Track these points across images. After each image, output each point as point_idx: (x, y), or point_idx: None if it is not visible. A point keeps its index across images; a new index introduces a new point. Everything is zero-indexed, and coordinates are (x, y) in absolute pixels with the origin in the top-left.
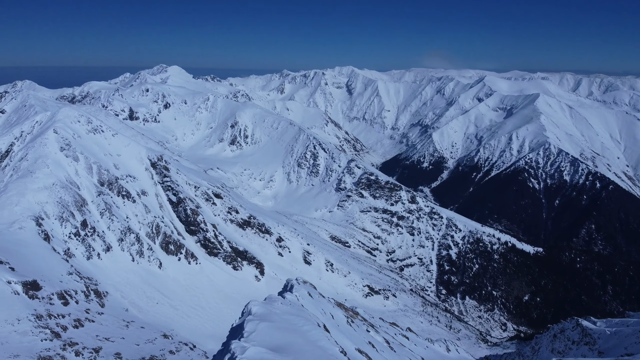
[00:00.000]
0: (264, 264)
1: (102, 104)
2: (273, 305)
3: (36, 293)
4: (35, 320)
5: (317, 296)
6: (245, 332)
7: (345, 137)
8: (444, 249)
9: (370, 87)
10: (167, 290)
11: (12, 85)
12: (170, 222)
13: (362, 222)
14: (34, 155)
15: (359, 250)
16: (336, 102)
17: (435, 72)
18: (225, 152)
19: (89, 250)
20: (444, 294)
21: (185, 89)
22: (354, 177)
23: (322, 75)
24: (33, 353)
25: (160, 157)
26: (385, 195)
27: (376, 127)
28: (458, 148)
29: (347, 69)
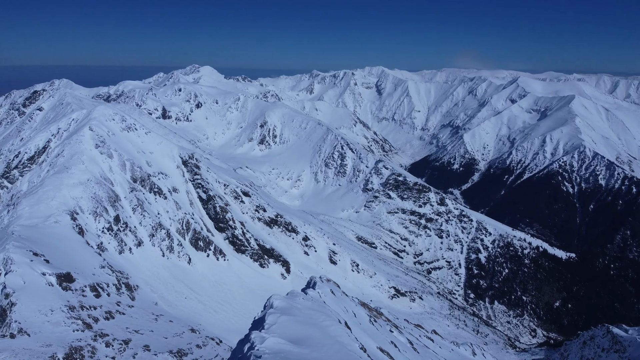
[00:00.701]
0: (290, 262)
1: (136, 102)
2: (295, 300)
3: (69, 285)
4: (68, 311)
5: (339, 294)
6: (266, 324)
7: (374, 137)
8: (473, 253)
9: (400, 87)
10: (196, 286)
11: (50, 84)
12: (200, 218)
13: (389, 224)
14: (69, 152)
15: (385, 251)
16: (365, 102)
17: (468, 73)
18: (254, 152)
19: (121, 244)
20: (472, 298)
21: (217, 89)
22: (381, 178)
23: (352, 75)
24: (65, 343)
25: (191, 155)
26: (414, 196)
27: (405, 128)
28: (490, 150)
29: (377, 69)
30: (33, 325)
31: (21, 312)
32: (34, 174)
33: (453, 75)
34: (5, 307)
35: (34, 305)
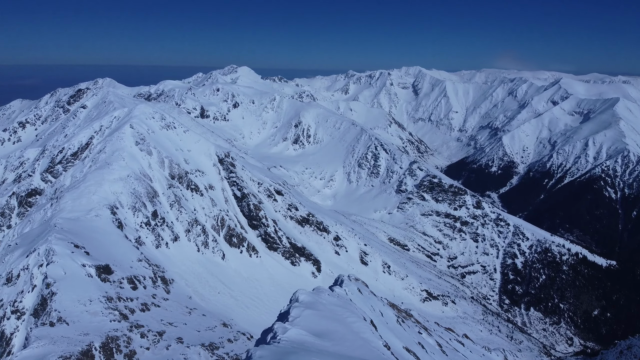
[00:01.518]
0: (321, 261)
1: (176, 102)
2: (320, 296)
3: (108, 277)
4: (106, 302)
5: (367, 293)
6: (290, 317)
7: (409, 138)
8: (509, 258)
9: (437, 87)
10: (229, 281)
11: (93, 83)
12: (235, 215)
13: (423, 226)
14: (111, 148)
15: (418, 254)
16: (401, 102)
17: (508, 74)
18: (288, 151)
19: (158, 239)
20: (507, 304)
21: (254, 89)
22: (415, 179)
23: (388, 75)
24: (102, 332)
25: (227, 154)
26: (449, 199)
27: (442, 129)
28: (529, 153)
29: (414, 69)
30: (72, 315)
31: (61, 302)
32: (77, 169)
33: (493, 76)
34: (46, 296)
35: (73, 295)
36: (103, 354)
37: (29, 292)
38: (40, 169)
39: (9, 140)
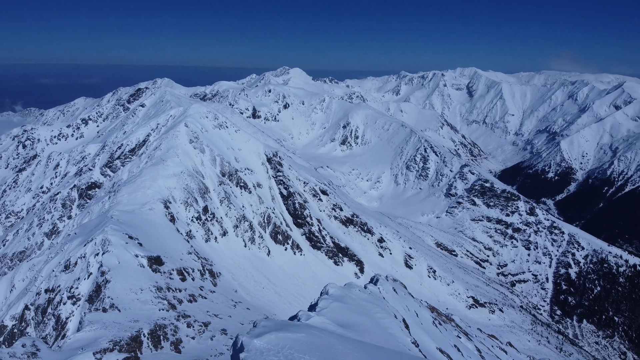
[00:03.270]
0: (364, 262)
1: (229, 102)
2: (350, 291)
3: (159, 267)
4: (156, 291)
5: (403, 294)
6: (317, 307)
7: (462, 141)
8: (562, 267)
9: (493, 89)
10: (273, 277)
11: (153, 82)
12: (280, 213)
13: (472, 231)
14: (166, 146)
15: (466, 260)
16: (454, 104)
17: (569, 76)
18: (336, 152)
19: (207, 233)
20: (558, 315)
21: (304, 90)
22: (466, 183)
23: (441, 76)
24: (151, 320)
25: (275, 153)
26: (501, 204)
27: (497, 132)
28: (589, 159)
29: (469, 70)
30: (123, 302)
31: (114, 289)
32: (134, 165)
33: (552, 78)
34: (101, 283)
35: (126, 283)
36: (151, 340)
37: (85, 279)
38: (100, 163)
39: (72, 135)
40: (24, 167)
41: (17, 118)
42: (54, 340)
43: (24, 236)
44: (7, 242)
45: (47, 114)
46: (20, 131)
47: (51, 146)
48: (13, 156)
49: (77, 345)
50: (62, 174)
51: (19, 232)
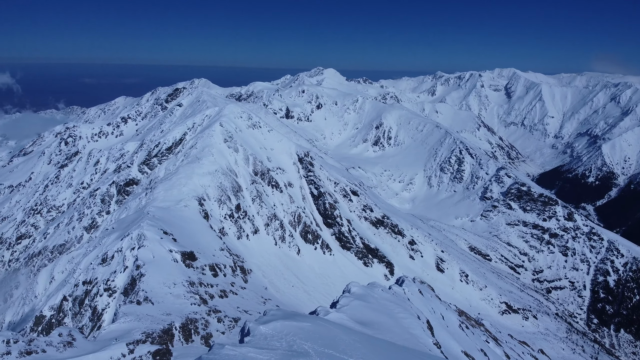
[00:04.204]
0: (394, 264)
1: (264, 102)
2: (373, 290)
3: (192, 263)
4: (188, 286)
5: (429, 296)
6: (338, 305)
7: (499, 143)
8: (600, 275)
9: (532, 90)
10: (302, 276)
11: (190, 83)
12: (311, 213)
13: (508, 236)
14: (202, 145)
15: (500, 265)
16: (492, 105)
17: (611, 78)
18: (368, 152)
19: (239, 231)
20: (595, 324)
21: (337, 90)
22: (502, 187)
23: (479, 77)
24: (182, 314)
25: (306, 153)
26: (538, 209)
27: (536, 135)
28: (631, 163)
29: (508, 71)
30: (157, 295)
31: (148, 283)
32: (170, 163)
33: (594, 80)
34: (136, 277)
35: (159, 277)
36: (182, 333)
37: (120, 272)
38: (138, 161)
39: (112, 133)
40: (66, 163)
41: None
42: (90, 331)
43: (64, 230)
44: (48, 235)
45: (89, 112)
46: (63, 128)
47: (92, 143)
48: (56, 152)
49: (112, 336)
50: (101, 171)
51: (60, 225)
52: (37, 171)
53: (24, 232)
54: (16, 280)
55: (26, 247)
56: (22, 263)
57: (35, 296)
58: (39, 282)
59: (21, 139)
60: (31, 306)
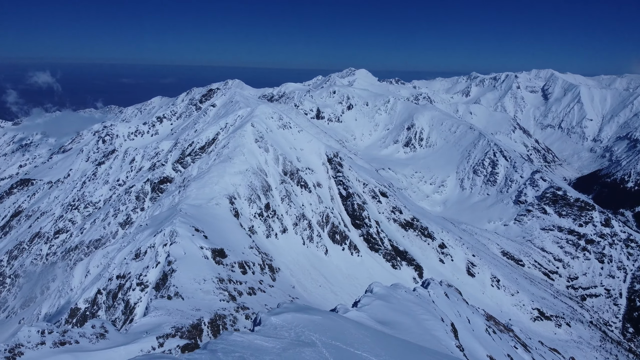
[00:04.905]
0: (423, 267)
1: (295, 103)
2: (396, 291)
3: (222, 260)
4: (218, 282)
5: (455, 299)
6: (359, 304)
7: (535, 145)
8: (638, 283)
9: (570, 92)
10: (330, 276)
11: (224, 83)
12: (339, 214)
13: (542, 241)
14: (233, 144)
15: (533, 271)
16: (528, 107)
17: None
18: (399, 154)
19: (268, 229)
20: (630, 333)
21: (369, 91)
22: (537, 190)
23: (515, 78)
24: (211, 309)
25: (336, 154)
26: (574, 214)
27: (574, 138)
28: None
29: (546, 72)
30: (187, 291)
31: (179, 278)
32: (203, 162)
33: (635, 82)
34: (167, 272)
35: (190, 273)
36: (210, 329)
37: (153, 267)
38: (172, 159)
39: (148, 132)
40: (103, 161)
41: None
42: (122, 324)
43: (100, 225)
44: (85, 230)
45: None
46: (101, 127)
47: (128, 142)
48: (93, 150)
49: (142, 329)
50: (137, 168)
51: (96, 221)
52: (75, 168)
53: (61, 226)
54: (53, 273)
55: (63, 241)
56: (59, 257)
57: (71, 289)
58: (74, 276)
59: (61, 137)
60: (67, 299)
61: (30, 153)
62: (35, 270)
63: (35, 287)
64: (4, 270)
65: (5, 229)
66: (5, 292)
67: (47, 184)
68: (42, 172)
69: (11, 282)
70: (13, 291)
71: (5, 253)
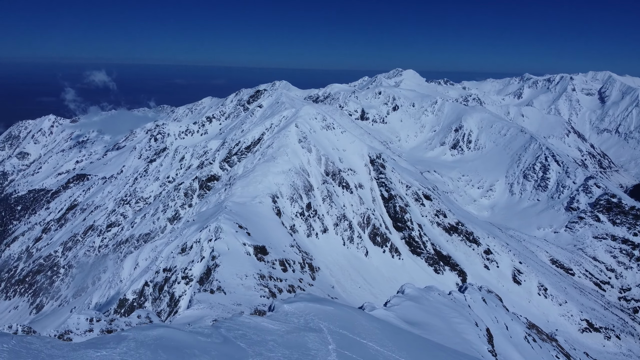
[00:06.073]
0: (467, 273)
1: (339, 104)
2: (429, 293)
3: (263, 257)
4: (259, 279)
5: (494, 305)
6: (389, 304)
7: (590, 150)
8: None
9: (629, 95)
10: (370, 278)
11: (271, 85)
12: (380, 215)
13: (594, 250)
14: (277, 144)
15: (584, 280)
16: (583, 110)
17: None
18: (445, 156)
19: (309, 229)
20: None
21: (416, 92)
22: (590, 197)
23: (570, 80)
24: (252, 305)
25: (378, 155)
26: (629, 222)
27: (632, 143)
28: None
29: (603, 74)
30: (229, 286)
31: (222, 273)
32: (249, 161)
33: None
34: (211, 267)
35: (232, 269)
36: None
37: (198, 262)
38: (220, 158)
39: (198, 132)
40: (154, 158)
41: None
42: (167, 316)
43: (149, 220)
44: (135, 225)
45: (177, 111)
46: (153, 126)
47: (179, 140)
48: (146, 148)
49: (185, 321)
50: (186, 166)
51: (146, 216)
52: (128, 165)
53: (113, 220)
54: (104, 264)
55: (115, 234)
56: (111, 249)
57: (121, 280)
58: (124, 268)
59: (115, 134)
60: (116, 289)
61: (87, 149)
62: (87, 261)
63: (87, 277)
64: (58, 260)
65: (61, 221)
66: (58, 282)
67: (102, 179)
68: (97, 168)
69: (65, 272)
70: (66, 281)
71: (61, 244)
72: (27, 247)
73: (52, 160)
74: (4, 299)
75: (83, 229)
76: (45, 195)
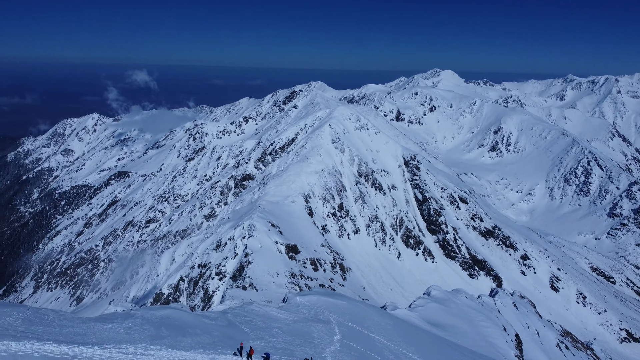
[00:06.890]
0: (502, 278)
1: (375, 105)
2: (456, 296)
3: (295, 255)
4: (290, 277)
5: (525, 310)
6: (413, 305)
7: (635, 155)
8: None
9: None
10: (402, 280)
11: (307, 85)
12: (414, 218)
13: (637, 258)
14: (311, 145)
15: (625, 289)
16: (629, 113)
17: None
18: (483, 159)
19: (341, 229)
20: None
21: (454, 92)
22: (634, 203)
23: (615, 82)
24: None
25: (413, 157)
26: None
27: None
28: None
29: None
30: (261, 283)
31: (254, 270)
32: (282, 161)
33: None
34: (244, 264)
35: (264, 266)
36: None
37: (231, 258)
38: (255, 158)
39: (235, 132)
40: (192, 157)
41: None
42: (201, 310)
43: (186, 217)
44: (173, 221)
45: (216, 111)
46: (192, 125)
47: (216, 140)
48: (184, 147)
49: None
50: (222, 165)
51: (183, 213)
52: (167, 163)
53: (152, 216)
54: (142, 259)
55: (153, 230)
56: (149, 244)
57: (158, 275)
58: (161, 263)
59: (156, 133)
60: (153, 284)
61: (128, 147)
62: (126, 255)
63: (125, 271)
64: (98, 254)
65: (102, 217)
66: (98, 275)
67: (142, 176)
68: (138, 166)
69: (104, 265)
70: (106, 274)
71: (101, 238)
72: (70, 241)
73: (95, 157)
74: (46, 290)
75: (123, 224)
76: (87, 191)
